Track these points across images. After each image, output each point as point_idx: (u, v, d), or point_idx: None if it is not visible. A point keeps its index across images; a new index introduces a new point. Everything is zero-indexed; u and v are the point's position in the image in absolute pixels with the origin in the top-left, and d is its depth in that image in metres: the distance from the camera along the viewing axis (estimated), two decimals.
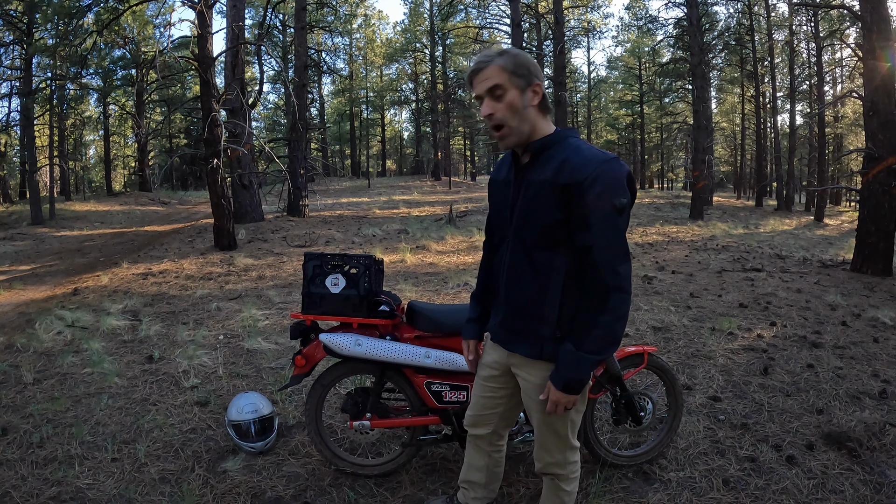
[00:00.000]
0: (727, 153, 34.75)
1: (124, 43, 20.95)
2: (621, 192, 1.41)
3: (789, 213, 19.04)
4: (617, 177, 1.41)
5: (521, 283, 1.56)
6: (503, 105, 1.46)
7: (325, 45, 27.91)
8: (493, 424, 1.86)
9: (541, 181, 1.47)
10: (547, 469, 1.72)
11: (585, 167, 1.41)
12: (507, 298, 1.60)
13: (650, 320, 4.58)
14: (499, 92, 1.46)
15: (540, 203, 1.48)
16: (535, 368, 1.58)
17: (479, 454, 1.94)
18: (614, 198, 1.40)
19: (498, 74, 1.45)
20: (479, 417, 1.86)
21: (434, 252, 8.48)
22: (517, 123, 1.48)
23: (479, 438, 1.91)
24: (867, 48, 7.15)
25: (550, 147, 1.50)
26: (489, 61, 1.46)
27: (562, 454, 1.68)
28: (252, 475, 2.40)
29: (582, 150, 1.45)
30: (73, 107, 21.09)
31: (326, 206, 16.20)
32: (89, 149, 31.99)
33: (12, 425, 2.83)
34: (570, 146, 1.48)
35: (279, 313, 4.99)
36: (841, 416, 2.87)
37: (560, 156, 1.47)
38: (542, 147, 1.51)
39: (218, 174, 8.39)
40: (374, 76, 33.61)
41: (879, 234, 6.93)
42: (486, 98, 1.48)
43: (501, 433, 1.91)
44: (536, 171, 1.50)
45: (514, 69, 1.45)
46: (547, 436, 1.66)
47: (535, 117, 1.50)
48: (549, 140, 1.51)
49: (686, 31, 16.74)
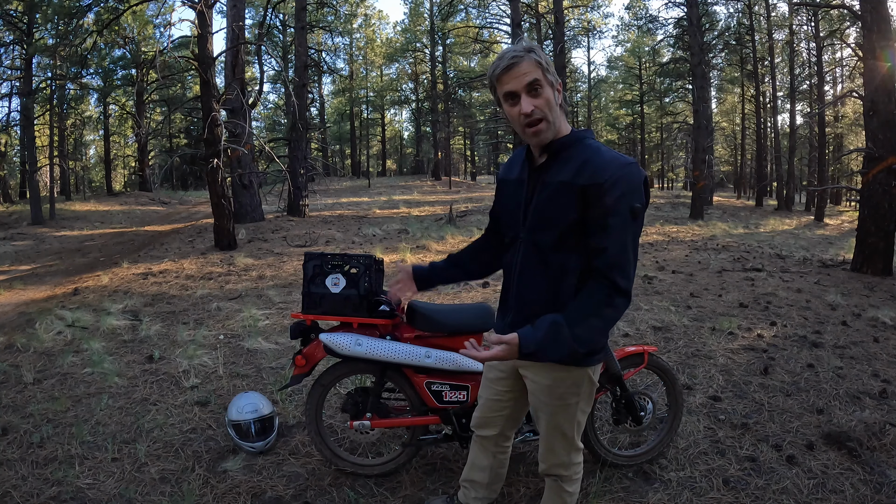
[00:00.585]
0: (727, 153, 34.75)
1: (124, 43, 20.94)
2: (639, 196, 1.41)
3: (789, 212, 19.04)
4: (636, 181, 1.41)
5: (534, 283, 1.54)
6: (542, 100, 1.43)
7: (325, 45, 27.88)
8: (499, 426, 1.86)
9: (559, 182, 1.46)
10: (551, 470, 1.72)
11: (606, 169, 1.41)
12: (520, 298, 1.59)
13: (650, 320, 4.58)
14: (538, 87, 1.43)
15: (557, 204, 1.46)
16: (544, 370, 1.57)
17: (485, 454, 1.94)
18: (632, 201, 1.40)
19: (535, 70, 1.42)
20: (486, 419, 1.87)
21: (434, 252, 8.48)
22: (553, 118, 1.46)
23: (485, 440, 1.91)
24: (867, 48, 7.15)
25: (569, 148, 1.49)
26: (523, 56, 1.42)
27: (567, 455, 1.68)
28: (252, 475, 2.40)
29: (602, 153, 1.45)
30: (73, 107, 21.07)
31: (326, 205, 16.20)
32: (89, 149, 32.02)
33: (12, 425, 2.83)
34: (590, 147, 1.48)
35: (279, 313, 4.99)
36: (841, 416, 2.87)
37: (580, 157, 1.46)
38: (562, 147, 1.50)
39: (218, 174, 8.39)
40: (374, 76, 33.59)
41: (879, 234, 6.93)
42: (523, 94, 1.43)
43: (508, 434, 1.92)
44: (554, 171, 1.49)
45: (547, 65, 1.44)
46: (554, 437, 1.66)
47: (560, 115, 1.50)
48: (568, 140, 1.50)
49: (686, 30, 16.74)
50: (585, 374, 1.57)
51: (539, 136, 1.47)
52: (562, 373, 1.56)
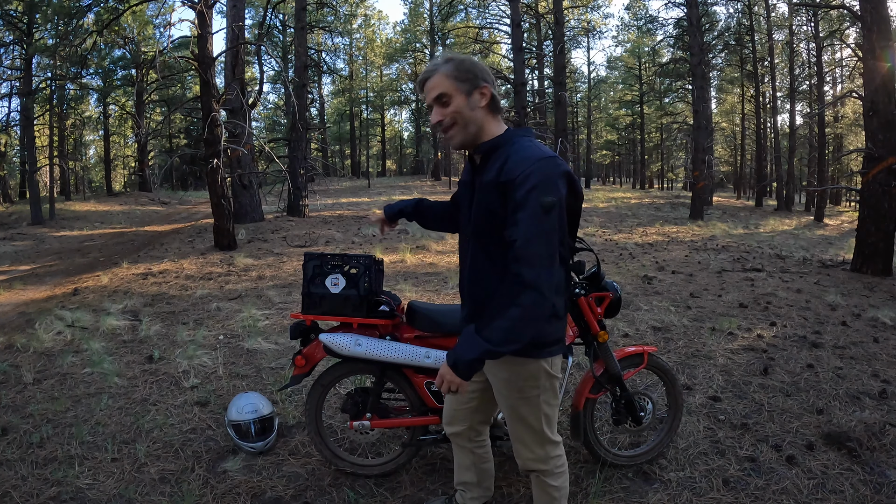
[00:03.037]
0: (727, 153, 34.76)
1: (124, 43, 20.95)
2: (551, 190, 1.41)
3: (789, 213, 19.04)
4: (548, 175, 1.42)
5: (481, 278, 1.59)
6: (449, 111, 1.52)
7: (325, 45, 27.91)
8: (467, 421, 1.89)
9: (487, 181, 1.52)
10: (528, 466, 1.73)
11: (520, 165, 1.44)
12: (471, 294, 1.65)
13: (650, 320, 4.58)
14: (445, 99, 1.52)
15: (488, 202, 1.52)
16: (500, 363, 1.61)
17: (463, 453, 1.97)
18: (542, 195, 1.40)
19: (442, 83, 1.52)
20: (452, 414, 1.90)
21: (434, 252, 8.48)
22: (463, 125, 1.54)
23: (457, 436, 1.94)
24: (867, 48, 7.15)
25: (498, 148, 1.54)
26: (434, 70, 1.53)
27: (541, 449, 1.69)
28: (252, 475, 2.40)
29: (522, 150, 1.49)
30: (73, 107, 21.10)
31: (326, 206, 16.19)
32: (89, 149, 32.02)
33: (12, 425, 2.83)
34: (514, 145, 1.52)
35: (279, 313, 4.99)
36: (841, 416, 2.87)
37: (504, 156, 1.51)
38: (491, 148, 1.55)
39: (218, 174, 8.39)
40: (374, 76, 33.59)
41: (879, 234, 6.93)
42: (434, 105, 1.54)
43: (479, 429, 1.94)
44: (486, 172, 1.54)
45: (458, 75, 1.51)
46: (520, 430, 1.68)
47: (484, 118, 1.55)
48: (498, 141, 1.55)
49: (686, 31, 16.75)
50: (540, 366, 1.59)
51: (452, 140, 1.56)
52: (516, 366, 1.59)
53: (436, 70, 1.53)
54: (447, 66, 1.53)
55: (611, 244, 9.63)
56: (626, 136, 34.15)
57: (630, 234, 11.16)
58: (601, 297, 2.21)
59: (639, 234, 11.26)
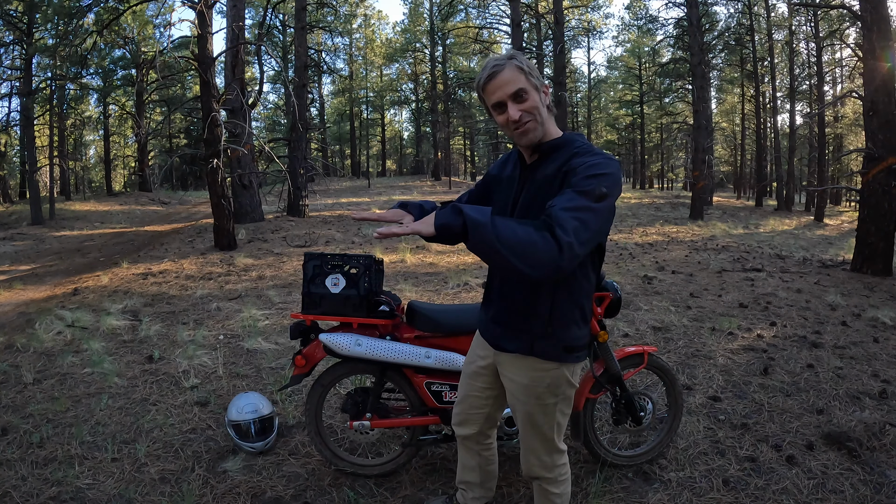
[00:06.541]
0: (727, 153, 34.77)
1: (124, 43, 20.94)
2: (609, 183, 1.35)
3: (789, 213, 19.04)
4: (613, 172, 1.39)
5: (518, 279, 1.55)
6: (528, 106, 1.46)
7: (325, 45, 27.90)
8: (478, 424, 1.87)
9: (545, 176, 1.48)
10: (533, 473, 1.72)
11: (587, 158, 1.42)
12: (502, 293, 1.61)
13: (650, 320, 4.58)
14: (524, 95, 1.44)
15: (541, 197, 1.46)
16: (522, 368, 1.59)
17: (469, 454, 1.96)
18: (601, 184, 1.33)
19: (518, 78, 1.43)
20: (465, 416, 1.87)
21: (434, 252, 8.48)
22: (540, 122, 1.49)
23: (466, 439, 1.92)
24: (867, 48, 7.15)
25: (559, 149, 1.51)
26: (504, 64, 1.44)
27: (548, 457, 1.68)
28: (252, 475, 2.40)
29: (589, 148, 1.48)
30: (73, 107, 21.09)
31: (326, 206, 16.19)
32: (89, 149, 32.02)
33: (12, 425, 2.83)
34: (578, 146, 1.50)
35: (279, 313, 4.98)
36: (841, 416, 2.87)
37: (568, 153, 1.48)
38: (552, 148, 1.52)
39: (218, 174, 8.39)
40: (374, 76, 33.60)
41: (879, 234, 6.93)
42: (509, 102, 1.45)
43: (487, 433, 1.93)
44: (543, 168, 1.52)
45: (530, 70, 1.45)
46: (532, 438, 1.67)
47: (548, 118, 1.52)
48: (559, 142, 1.52)
49: (686, 31, 16.74)
50: (563, 374, 1.57)
51: (528, 134, 1.48)
52: (539, 372, 1.57)
53: (505, 65, 1.43)
54: (516, 60, 1.45)
55: (611, 244, 9.62)
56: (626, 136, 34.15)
57: (630, 234, 11.16)
58: (601, 297, 2.21)
59: (639, 233, 11.26)
